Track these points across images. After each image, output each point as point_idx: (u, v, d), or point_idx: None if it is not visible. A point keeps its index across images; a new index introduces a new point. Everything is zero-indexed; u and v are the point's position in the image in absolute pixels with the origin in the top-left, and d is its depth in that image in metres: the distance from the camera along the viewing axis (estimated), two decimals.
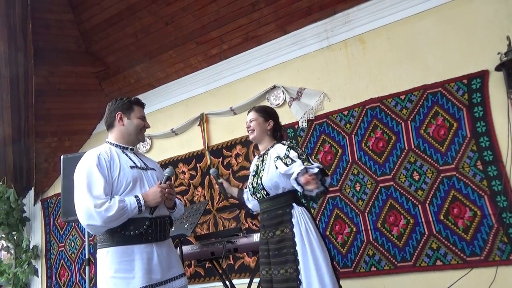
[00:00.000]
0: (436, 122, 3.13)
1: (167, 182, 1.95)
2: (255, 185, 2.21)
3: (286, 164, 2.04)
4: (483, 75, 2.98)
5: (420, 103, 3.20)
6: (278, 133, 2.31)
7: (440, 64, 3.18)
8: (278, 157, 2.11)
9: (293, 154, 2.08)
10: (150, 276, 1.78)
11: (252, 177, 2.27)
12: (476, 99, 3.00)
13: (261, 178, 2.16)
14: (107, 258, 1.79)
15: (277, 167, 2.08)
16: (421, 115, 3.19)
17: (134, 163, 1.96)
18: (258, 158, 2.32)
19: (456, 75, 3.08)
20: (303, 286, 1.93)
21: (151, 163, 2.11)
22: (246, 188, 2.42)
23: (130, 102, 2.05)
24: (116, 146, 1.99)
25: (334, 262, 2.58)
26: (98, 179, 1.79)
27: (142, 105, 2.10)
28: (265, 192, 2.15)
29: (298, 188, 1.97)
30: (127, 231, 1.80)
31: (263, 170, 2.18)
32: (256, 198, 2.25)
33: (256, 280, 2.87)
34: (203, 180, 4.25)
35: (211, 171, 2.49)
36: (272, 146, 2.24)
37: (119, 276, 1.76)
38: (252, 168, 2.35)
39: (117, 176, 1.85)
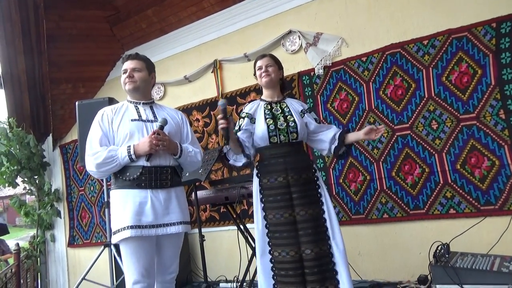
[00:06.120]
0: (460, 69, 3.00)
1: (156, 132, 2.02)
2: (282, 127, 2.21)
3: (316, 120, 2.35)
4: None
5: (444, 48, 3.05)
6: (283, 86, 2.47)
7: (467, 6, 2.98)
8: (303, 112, 2.34)
9: (315, 116, 2.37)
10: (139, 217, 1.97)
11: (271, 120, 2.23)
12: (504, 44, 2.84)
13: (294, 122, 2.22)
14: (112, 199, 2.07)
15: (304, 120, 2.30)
16: (444, 61, 3.05)
17: (139, 116, 2.13)
18: (270, 104, 2.31)
19: (484, 19, 2.90)
20: (328, 224, 2.14)
21: (164, 115, 2.17)
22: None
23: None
24: (131, 102, 2.22)
25: None
26: (97, 132, 2.08)
27: (127, 59, 2.20)
28: (295, 136, 2.21)
29: (335, 144, 2.29)
30: (124, 177, 2.03)
31: (290, 115, 2.26)
32: (274, 141, 2.20)
33: None
34: (217, 127, 4.22)
35: (221, 102, 2.05)
36: (284, 98, 2.37)
37: (115, 215, 2.02)
38: (261, 111, 2.27)
39: (116, 129, 2.08)
